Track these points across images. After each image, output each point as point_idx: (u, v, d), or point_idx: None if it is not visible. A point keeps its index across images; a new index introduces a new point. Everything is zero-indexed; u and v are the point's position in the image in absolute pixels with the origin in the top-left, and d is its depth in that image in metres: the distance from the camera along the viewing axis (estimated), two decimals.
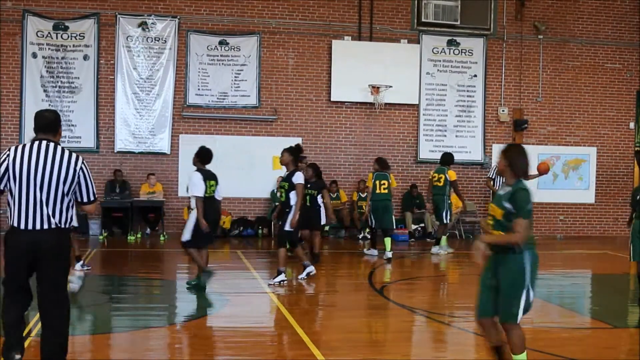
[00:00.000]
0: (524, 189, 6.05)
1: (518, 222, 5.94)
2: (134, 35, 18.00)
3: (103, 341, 7.95)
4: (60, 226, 5.88)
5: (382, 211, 14.80)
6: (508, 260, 6.07)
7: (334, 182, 18.38)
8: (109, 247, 15.96)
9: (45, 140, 5.95)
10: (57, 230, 5.87)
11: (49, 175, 5.84)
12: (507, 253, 6.06)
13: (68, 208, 5.96)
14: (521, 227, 5.93)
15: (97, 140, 17.93)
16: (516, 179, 6.15)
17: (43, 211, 5.82)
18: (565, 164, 20.16)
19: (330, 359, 7.25)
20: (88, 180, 6.10)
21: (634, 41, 20.52)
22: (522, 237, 5.93)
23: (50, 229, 5.82)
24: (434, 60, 19.50)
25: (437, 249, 15.67)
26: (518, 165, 6.18)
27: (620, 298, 11.74)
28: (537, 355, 7.56)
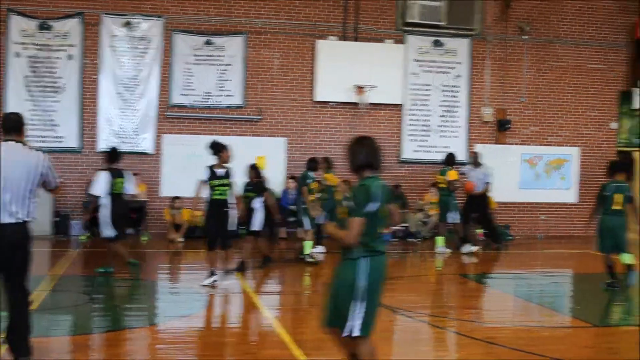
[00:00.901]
0: (362, 185, 5.61)
1: (350, 220, 5.49)
2: (119, 34, 17.95)
3: (83, 342, 7.94)
4: (26, 220, 6.46)
5: None
6: (342, 266, 5.66)
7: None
8: (91, 248, 15.91)
9: (13, 140, 6.54)
10: (23, 224, 6.45)
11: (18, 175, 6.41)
12: (344, 258, 5.65)
13: (32, 203, 6.52)
14: (351, 226, 5.46)
15: (81, 140, 17.88)
16: (359, 174, 5.72)
17: (12, 207, 6.36)
18: (548, 164, 20.25)
19: (311, 358, 7.28)
20: (52, 171, 6.70)
21: (617, 42, 20.64)
22: (351, 237, 5.46)
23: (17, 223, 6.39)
24: (418, 61, 19.54)
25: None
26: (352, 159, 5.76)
27: (601, 297, 11.81)
28: (518, 354, 7.63)
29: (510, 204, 19.88)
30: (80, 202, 17.45)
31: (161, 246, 15.89)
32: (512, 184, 19.99)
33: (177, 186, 17.51)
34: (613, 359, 7.88)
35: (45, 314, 9.00)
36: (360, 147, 5.74)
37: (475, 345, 8.03)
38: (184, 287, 11.64)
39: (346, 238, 5.48)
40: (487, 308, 10.94)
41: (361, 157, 5.70)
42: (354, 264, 5.53)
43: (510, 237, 19.03)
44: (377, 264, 5.60)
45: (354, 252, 5.54)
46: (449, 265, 14.80)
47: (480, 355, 7.74)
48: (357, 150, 5.73)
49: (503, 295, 11.87)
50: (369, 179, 5.65)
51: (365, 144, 5.77)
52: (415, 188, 19.40)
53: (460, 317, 9.84)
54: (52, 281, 11.34)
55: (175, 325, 8.80)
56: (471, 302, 11.60)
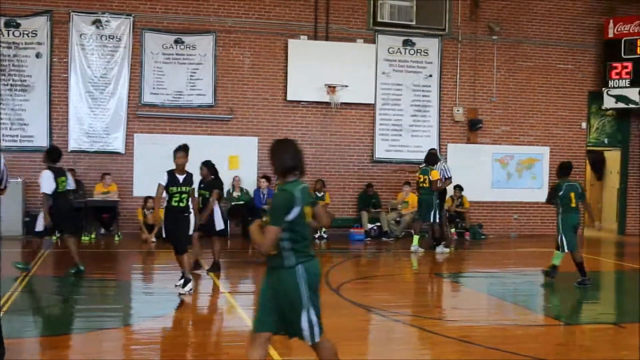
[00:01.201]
0: (283, 190, 5.43)
1: (266, 228, 5.33)
2: (88, 33, 17.79)
3: (58, 343, 7.84)
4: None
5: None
6: (280, 276, 5.47)
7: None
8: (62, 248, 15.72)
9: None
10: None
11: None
12: (278, 266, 5.47)
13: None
14: (267, 234, 5.30)
15: (50, 139, 17.67)
16: (281, 178, 5.53)
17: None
18: (519, 163, 20.39)
19: (287, 358, 7.25)
20: (7, 172, 6.76)
21: (585, 42, 20.83)
22: (265, 246, 5.31)
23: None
24: (389, 60, 19.58)
25: (440, 248, 16.01)
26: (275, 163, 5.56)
27: (573, 295, 11.91)
28: (493, 353, 7.64)
29: (483, 203, 20.00)
30: None
31: (134, 246, 15.76)
32: (484, 183, 20.11)
33: (150, 186, 17.19)
34: (585, 357, 7.92)
35: (17, 315, 8.88)
36: (286, 150, 5.54)
37: (450, 344, 8.03)
38: (158, 287, 11.54)
39: (261, 246, 5.34)
40: (461, 307, 10.95)
41: (287, 160, 5.49)
42: (292, 272, 5.41)
43: (484, 236, 19.15)
44: (312, 268, 5.52)
45: (289, 260, 5.42)
46: (423, 264, 14.83)
47: (455, 353, 7.75)
48: (283, 153, 5.54)
49: (477, 294, 11.91)
50: (290, 184, 5.47)
51: (290, 147, 5.57)
52: (387, 187, 19.44)
53: (434, 315, 9.85)
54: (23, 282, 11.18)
55: (149, 326, 8.72)
56: (445, 300, 11.64)
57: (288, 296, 5.44)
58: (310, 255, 5.55)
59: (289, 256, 5.41)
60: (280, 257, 5.42)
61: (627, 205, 21.67)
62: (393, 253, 16.28)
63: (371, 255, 16.13)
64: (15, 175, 17.05)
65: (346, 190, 19.27)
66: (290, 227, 5.37)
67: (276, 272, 5.50)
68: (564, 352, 7.95)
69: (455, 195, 19.10)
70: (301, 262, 5.43)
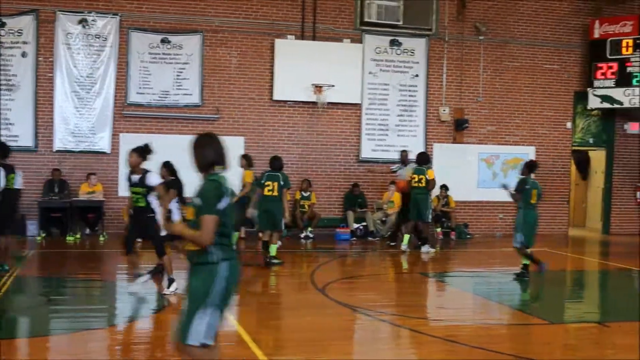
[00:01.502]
0: (210, 180, 5.28)
1: (201, 219, 5.12)
2: (74, 32, 17.71)
3: (42, 344, 7.82)
4: None
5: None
6: (199, 272, 5.23)
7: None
8: (47, 248, 15.70)
9: None
10: None
11: None
12: (200, 262, 5.23)
13: None
14: (204, 225, 5.10)
15: (36, 139, 17.61)
16: (206, 173, 5.36)
17: None
18: (505, 163, 20.45)
19: (273, 358, 7.26)
20: None
21: (571, 43, 20.92)
22: (205, 236, 5.09)
23: None
24: (376, 60, 19.61)
25: (426, 248, 16.04)
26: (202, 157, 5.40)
27: (557, 295, 11.98)
28: (478, 352, 7.68)
29: (468, 203, 20.04)
30: (35, 202, 17.19)
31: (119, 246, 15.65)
32: (470, 183, 20.16)
33: None
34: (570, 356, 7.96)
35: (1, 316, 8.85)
36: (209, 145, 5.42)
37: (436, 343, 8.07)
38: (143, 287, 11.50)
39: (200, 238, 5.11)
40: (446, 306, 11.00)
41: (211, 155, 5.37)
42: (214, 268, 5.18)
43: (469, 236, 19.21)
44: (235, 268, 5.30)
45: (213, 255, 5.18)
46: (409, 264, 14.87)
47: (441, 353, 7.78)
48: (206, 148, 5.40)
49: (462, 293, 11.96)
50: (216, 175, 5.34)
51: (214, 142, 5.45)
52: (373, 187, 19.48)
53: (420, 315, 9.88)
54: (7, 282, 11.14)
55: (134, 326, 8.71)
56: (431, 300, 11.69)
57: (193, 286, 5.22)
58: (234, 252, 5.35)
59: (215, 251, 5.18)
60: (204, 253, 5.18)
61: (611, 204, 21.77)
62: (379, 253, 16.29)
63: (357, 255, 16.15)
64: None
65: (332, 190, 19.28)
66: (220, 219, 5.20)
67: (196, 269, 5.26)
68: (548, 351, 7.99)
69: (441, 195, 19.14)
70: (226, 260, 5.22)
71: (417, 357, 7.81)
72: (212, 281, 5.14)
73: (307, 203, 18.41)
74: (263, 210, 13.37)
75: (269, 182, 13.22)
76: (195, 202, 5.22)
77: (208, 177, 5.32)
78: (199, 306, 5.13)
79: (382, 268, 14.59)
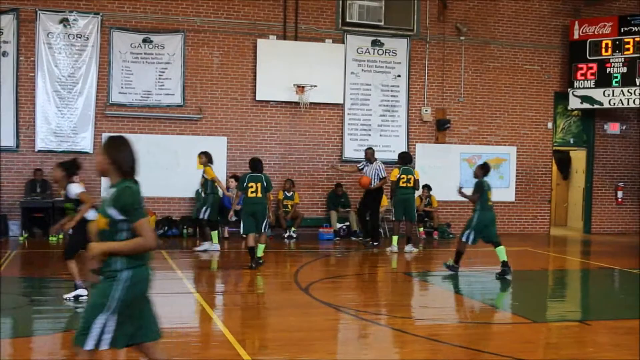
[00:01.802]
0: (128, 187, 5.05)
1: (138, 225, 5.00)
2: (55, 31, 17.63)
3: (24, 344, 7.79)
4: None
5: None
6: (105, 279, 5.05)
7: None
8: (30, 249, 15.63)
9: None
10: None
11: None
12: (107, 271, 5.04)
13: None
14: (143, 229, 4.99)
15: (17, 139, 17.52)
16: (121, 178, 5.12)
17: None
18: None
19: (257, 358, 7.27)
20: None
21: (551, 43, 21.06)
22: (151, 240, 5.00)
23: None
24: (358, 60, 19.65)
25: (409, 247, 16.13)
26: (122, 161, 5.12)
27: (539, 293, 12.07)
28: (461, 351, 7.72)
29: (450, 203, 20.10)
30: (17, 202, 17.11)
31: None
32: (453, 182, 20.19)
33: None
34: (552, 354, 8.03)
35: None
36: (128, 148, 5.14)
37: (419, 343, 8.09)
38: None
39: (146, 243, 5.00)
40: (429, 305, 11.04)
41: (130, 159, 5.13)
42: (116, 275, 5.00)
43: (452, 236, 19.28)
44: (141, 275, 5.09)
45: (117, 263, 5.01)
46: (392, 264, 14.91)
47: (424, 352, 7.80)
48: (126, 151, 5.13)
49: (445, 292, 12.00)
50: (127, 181, 5.11)
51: (130, 145, 5.16)
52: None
53: (403, 314, 9.92)
54: None
55: None
56: (414, 299, 11.72)
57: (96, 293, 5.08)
58: (143, 259, 5.13)
59: (119, 259, 5.02)
60: (108, 262, 5.03)
61: (592, 204, 21.93)
62: (362, 252, 16.32)
63: (340, 254, 16.17)
64: None
65: (315, 189, 19.31)
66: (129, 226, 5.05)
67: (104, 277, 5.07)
68: (530, 350, 8.04)
69: (423, 195, 19.23)
70: (131, 268, 5.02)
71: (401, 356, 7.84)
72: (111, 288, 4.97)
73: (290, 203, 18.44)
74: (248, 212, 13.05)
75: (252, 183, 12.98)
76: (109, 212, 5.02)
77: (125, 184, 5.08)
78: (98, 312, 4.97)
79: (365, 268, 14.62)
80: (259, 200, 13.01)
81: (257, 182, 12.99)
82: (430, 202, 19.36)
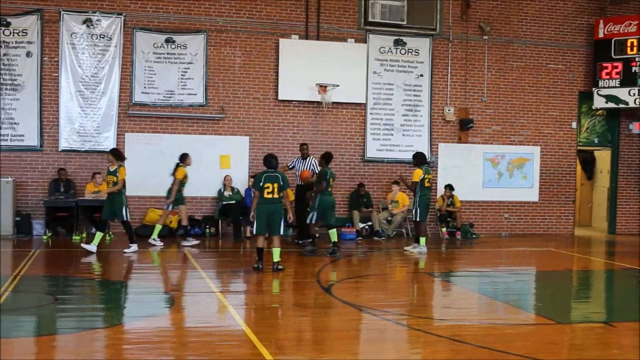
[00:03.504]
0: None
1: None
2: (79, 32, 17.74)
3: (48, 343, 7.81)
4: None
5: None
6: None
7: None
8: (53, 248, 15.71)
9: None
10: None
11: None
12: None
13: None
14: None
15: (41, 139, 17.64)
16: None
17: None
18: (510, 163, 20.44)
19: (279, 358, 7.25)
20: None
21: (576, 42, 20.89)
22: None
23: None
24: (380, 60, 19.60)
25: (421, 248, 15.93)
26: None
27: (563, 294, 11.96)
28: (484, 352, 7.66)
29: (474, 203, 20.04)
30: (41, 201, 17.23)
31: (125, 246, 15.70)
32: (475, 182, 20.16)
33: (140, 185, 17.46)
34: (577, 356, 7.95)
35: (7, 314, 8.86)
36: None
37: (441, 343, 8.05)
38: (150, 287, 11.52)
39: None
40: (452, 306, 10.97)
41: None
42: None
43: (475, 236, 19.19)
44: None
45: None
46: (414, 264, 14.85)
47: (446, 352, 7.76)
48: None
49: (468, 293, 11.93)
50: None
51: None
52: (379, 187, 19.48)
53: (425, 315, 9.87)
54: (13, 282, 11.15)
55: (141, 325, 8.70)
56: (436, 300, 11.65)
57: None
58: None
59: None
60: None
61: (617, 204, 21.73)
62: (385, 252, 16.28)
63: (362, 254, 16.13)
64: (5, 174, 17.04)
65: (337, 189, 19.24)
66: None
67: None
68: (554, 351, 7.97)
69: (445, 195, 19.15)
70: None
71: (423, 356, 7.79)
72: None
73: None
74: (263, 213, 12.67)
75: (268, 183, 12.62)
76: None
77: None
78: None
79: (388, 268, 14.57)
80: (275, 201, 12.69)
81: (273, 183, 12.60)
82: (453, 202, 19.27)
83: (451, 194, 19.23)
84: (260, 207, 12.70)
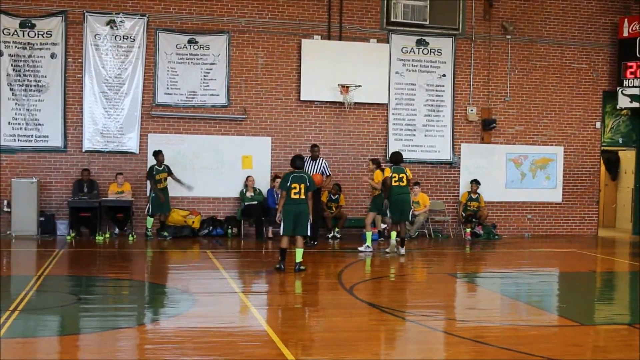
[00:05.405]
0: None
1: None
2: (102, 33, 17.85)
3: (71, 342, 7.87)
4: None
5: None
6: None
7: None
8: (77, 248, 15.82)
9: None
10: None
11: None
12: None
13: None
14: None
15: (65, 140, 17.77)
16: None
17: None
18: (533, 163, 20.33)
19: (301, 358, 7.26)
20: None
21: (599, 42, 20.74)
22: None
23: None
24: (403, 60, 19.56)
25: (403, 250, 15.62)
26: None
27: (587, 296, 11.88)
28: (507, 353, 7.63)
29: (497, 203, 19.97)
30: (65, 201, 17.36)
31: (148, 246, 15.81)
32: (498, 183, 20.07)
33: None
34: (600, 357, 7.90)
35: (32, 314, 8.94)
36: None
37: (464, 344, 8.03)
38: (172, 287, 11.57)
39: None
40: (475, 307, 10.94)
41: None
42: None
43: (498, 236, 19.11)
44: None
45: None
46: (437, 264, 14.81)
47: (469, 354, 7.74)
48: None
49: (491, 294, 11.89)
50: None
51: None
52: None
53: (448, 316, 9.85)
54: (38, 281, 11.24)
55: (163, 325, 8.75)
56: (459, 301, 11.62)
57: None
58: None
59: None
60: None
61: None
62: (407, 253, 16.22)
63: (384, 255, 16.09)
64: (30, 175, 17.19)
65: (359, 190, 19.25)
66: None
67: None
68: (578, 353, 7.92)
69: (472, 190, 19.08)
70: None
71: (445, 357, 7.78)
72: None
73: (335, 205, 18.41)
74: (290, 213, 12.63)
75: (295, 184, 12.60)
76: None
77: None
78: None
79: (410, 268, 14.54)
80: (302, 202, 12.67)
81: (300, 183, 12.61)
82: (478, 198, 19.15)
83: (477, 188, 19.09)
84: (287, 208, 12.67)
